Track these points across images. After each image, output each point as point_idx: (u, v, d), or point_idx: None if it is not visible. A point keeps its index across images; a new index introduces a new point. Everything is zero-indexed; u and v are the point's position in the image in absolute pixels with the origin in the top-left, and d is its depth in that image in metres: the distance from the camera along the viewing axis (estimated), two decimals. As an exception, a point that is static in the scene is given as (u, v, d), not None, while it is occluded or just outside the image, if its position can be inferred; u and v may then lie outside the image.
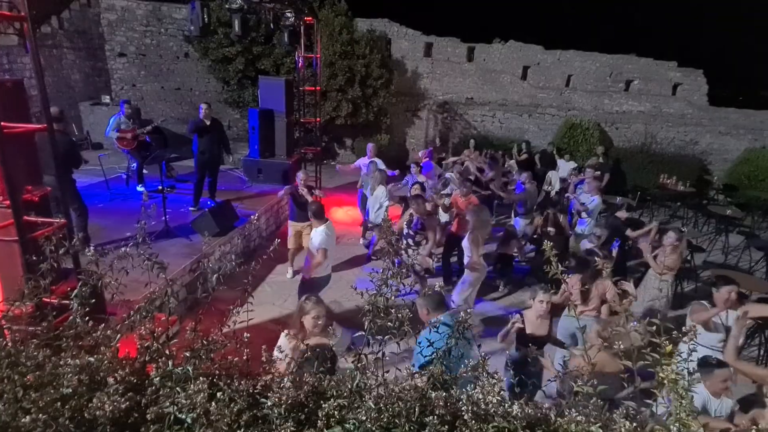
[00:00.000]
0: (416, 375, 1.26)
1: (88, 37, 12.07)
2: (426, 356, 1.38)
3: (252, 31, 10.13)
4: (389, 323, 1.25)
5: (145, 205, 6.89)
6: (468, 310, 1.52)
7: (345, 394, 1.10)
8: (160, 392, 1.25)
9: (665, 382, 1.06)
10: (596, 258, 4.14)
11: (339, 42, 11.69)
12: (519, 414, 1.05)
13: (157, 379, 1.30)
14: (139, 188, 8.34)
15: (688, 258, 7.73)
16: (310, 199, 6.02)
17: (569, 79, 13.45)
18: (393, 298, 1.29)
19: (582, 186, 8.07)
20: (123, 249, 1.69)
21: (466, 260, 5.45)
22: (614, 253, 5.59)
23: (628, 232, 6.53)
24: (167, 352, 1.34)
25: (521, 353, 3.66)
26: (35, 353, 1.38)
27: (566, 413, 1.07)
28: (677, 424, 0.97)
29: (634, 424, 0.99)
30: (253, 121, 9.20)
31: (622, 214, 7.68)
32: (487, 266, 5.60)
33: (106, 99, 12.13)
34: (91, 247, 1.80)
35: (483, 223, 5.66)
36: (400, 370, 1.29)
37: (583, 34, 19.05)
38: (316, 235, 4.98)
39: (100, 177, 8.27)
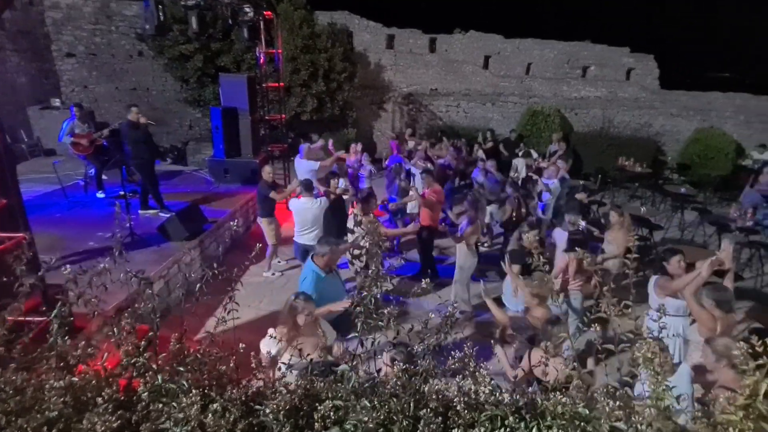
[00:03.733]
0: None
1: (32, 37, 11.39)
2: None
3: (209, 28, 9.83)
4: (380, 322, 1.27)
5: (120, 218, 6.60)
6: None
7: (341, 395, 1.11)
8: (151, 407, 1.23)
9: (641, 360, 1.14)
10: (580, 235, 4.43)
11: (300, 36, 11.51)
12: (508, 401, 1.10)
13: (146, 394, 1.28)
14: (99, 195, 8.03)
15: (648, 236, 8.13)
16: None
17: (529, 67, 13.76)
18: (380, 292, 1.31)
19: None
20: (102, 265, 1.64)
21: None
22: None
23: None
24: (154, 366, 1.32)
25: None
26: (13, 377, 1.32)
27: (551, 396, 1.13)
28: (655, 400, 1.04)
29: (618, 403, 1.05)
30: (216, 120, 8.98)
31: (581, 196, 7.99)
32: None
33: (56, 102, 11.52)
34: (68, 267, 1.74)
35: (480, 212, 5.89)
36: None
37: (541, 23, 19.50)
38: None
39: (55, 185, 7.89)
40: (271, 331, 3.14)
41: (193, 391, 1.20)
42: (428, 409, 1.12)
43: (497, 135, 12.23)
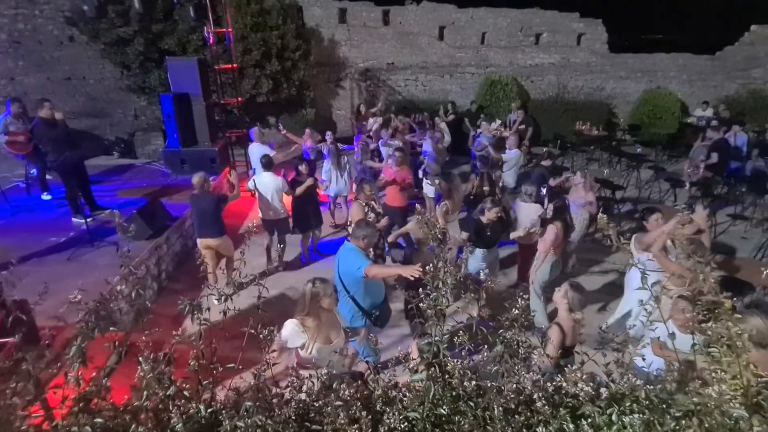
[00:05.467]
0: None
1: (-58, 26, 10.17)
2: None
3: (151, 8, 9.11)
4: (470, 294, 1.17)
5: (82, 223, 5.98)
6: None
7: (416, 405, 1.01)
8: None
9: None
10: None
11: (248, 13, 10.90)
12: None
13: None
14: (45, 197, 7.40)
15: (611, 195, 8.45)
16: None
17: (484, 36, 13.72)
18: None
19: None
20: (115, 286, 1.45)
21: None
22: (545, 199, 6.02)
23: (550, 182, 7.07)
24: (185, 393, 1.15)
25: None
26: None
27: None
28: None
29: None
30: (168, 108, 8.39)
31: (546, 163, 8.16)
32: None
33: (-20, 98, 10.42)
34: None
35: (454, 192, 5.83)
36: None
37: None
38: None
39: (-8, 190, 7.19)
40: (291, 322, 2.98)
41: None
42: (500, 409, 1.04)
43: (458, 107, 12.22)
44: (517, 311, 1.19)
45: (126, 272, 1.67)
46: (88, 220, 5.97)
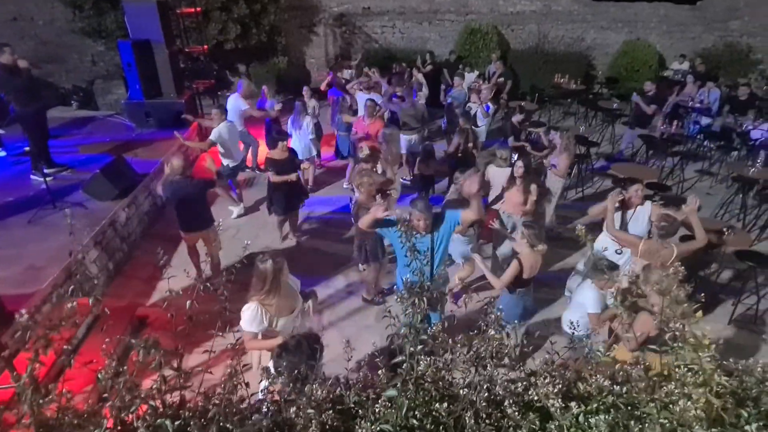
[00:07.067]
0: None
1: None
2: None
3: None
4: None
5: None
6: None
7: (390, 414, 1.01)
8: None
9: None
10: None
11: (211, -51, 10.03)
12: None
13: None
14: (-1, 153, 6.97)
15: (585, 153, 8.51)
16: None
17: (464, -20, 13.07)
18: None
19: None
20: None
21: None
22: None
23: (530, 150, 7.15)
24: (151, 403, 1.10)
25: None
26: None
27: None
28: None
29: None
30: (127, 57, 7.82)
31: (516, 118, 8.11)
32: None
33: None
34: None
35: (391, 140, 5.90)
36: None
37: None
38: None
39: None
40: (250, 307, 2.91)
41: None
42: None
43: (436, 57, 11.83)
44: (490, 317, 1.18)
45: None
46: (48, 179, 5.67)
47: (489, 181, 5.55)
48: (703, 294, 1.21)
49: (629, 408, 1.04)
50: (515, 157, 6.21)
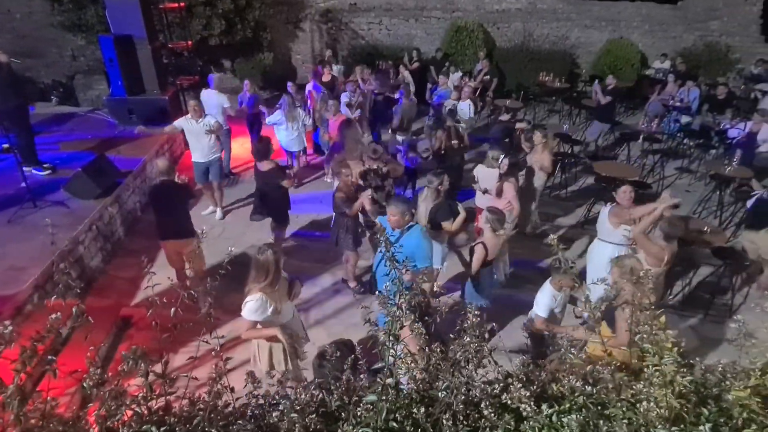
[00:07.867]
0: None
1: None
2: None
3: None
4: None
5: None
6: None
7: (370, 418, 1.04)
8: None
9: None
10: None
11: (194, -58, 9.88)
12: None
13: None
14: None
15: (569, 151, 8.64)
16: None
17: (450, -23, 13.10)
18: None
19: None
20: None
21: None
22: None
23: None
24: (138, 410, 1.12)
25: None
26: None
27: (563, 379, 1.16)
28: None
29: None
30: (109, 52, 7.68)
31: (504, 118, 8.20)
32: None
33: None
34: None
35: (352, 141, 6.10)
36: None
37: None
38: None
39: None
40: (255, 297, 2.93)
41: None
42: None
43: (423, 54, 11.85)
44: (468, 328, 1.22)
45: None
46: (46, 173, 5.67)
47: (476, 178, 5.66)
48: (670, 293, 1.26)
49: (599, 407, 1.09)
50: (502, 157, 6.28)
